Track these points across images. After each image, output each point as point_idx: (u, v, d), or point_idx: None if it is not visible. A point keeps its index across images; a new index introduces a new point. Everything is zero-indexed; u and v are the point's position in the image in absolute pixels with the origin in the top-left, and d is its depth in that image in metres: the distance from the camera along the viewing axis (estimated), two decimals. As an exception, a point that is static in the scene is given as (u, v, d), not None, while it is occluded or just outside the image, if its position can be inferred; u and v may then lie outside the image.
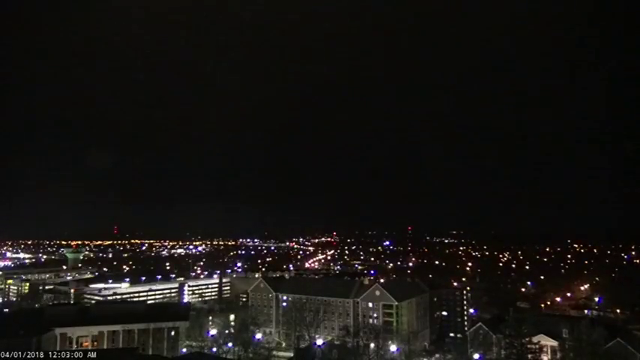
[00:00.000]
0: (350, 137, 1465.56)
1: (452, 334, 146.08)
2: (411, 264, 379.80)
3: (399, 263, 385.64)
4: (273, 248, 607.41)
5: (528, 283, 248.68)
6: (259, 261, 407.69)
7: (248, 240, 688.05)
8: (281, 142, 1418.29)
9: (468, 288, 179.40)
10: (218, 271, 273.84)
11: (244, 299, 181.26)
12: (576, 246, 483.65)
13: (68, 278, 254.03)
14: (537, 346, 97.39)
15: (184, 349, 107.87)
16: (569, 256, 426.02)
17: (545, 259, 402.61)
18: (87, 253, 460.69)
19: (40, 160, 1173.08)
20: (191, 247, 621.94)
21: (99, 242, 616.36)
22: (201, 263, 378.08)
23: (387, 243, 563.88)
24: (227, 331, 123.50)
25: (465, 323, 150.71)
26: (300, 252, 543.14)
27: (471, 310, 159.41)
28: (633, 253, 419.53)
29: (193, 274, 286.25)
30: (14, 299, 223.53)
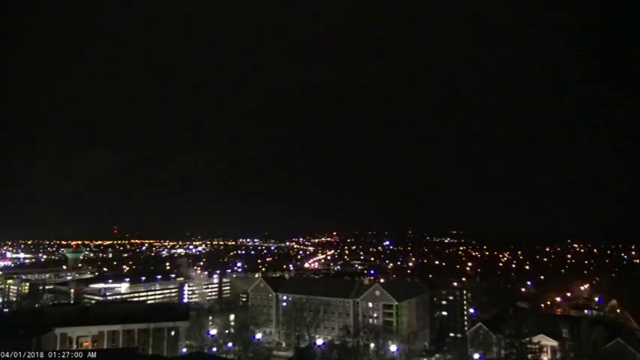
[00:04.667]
0: (350, 137, 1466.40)
1: (452, 334, 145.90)
2: (411, 264, 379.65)
3: (399, 263, 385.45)
4: (273, 248, 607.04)
5: (528, 283, 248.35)
6: (259, 261, 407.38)
7: (248, 240, 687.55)
8: (281, 141, 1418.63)
9: (468, 288, 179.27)
10: (218, 271, 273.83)
11: (244, 299, 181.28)
12: (576, 246, 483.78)
13: (68, 278, 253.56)
14: (537, 346, 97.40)
15: (184, 349, 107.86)
16: (569, 256, 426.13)
17: (545, 259, 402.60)
18: (87, 253, 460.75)
19: (40, 160, 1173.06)
20: (191, 247, 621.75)
21: (99, 242, 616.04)
22: (201, 263, 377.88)
23: (387, 243, 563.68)
24: (227, 331, 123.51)
25: (465, 323, 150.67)
26: (300, 252, 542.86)
27: (471, 310, 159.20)
28: (633, 253, 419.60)
29: (193, 274, 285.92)
30: (14, 299, 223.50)
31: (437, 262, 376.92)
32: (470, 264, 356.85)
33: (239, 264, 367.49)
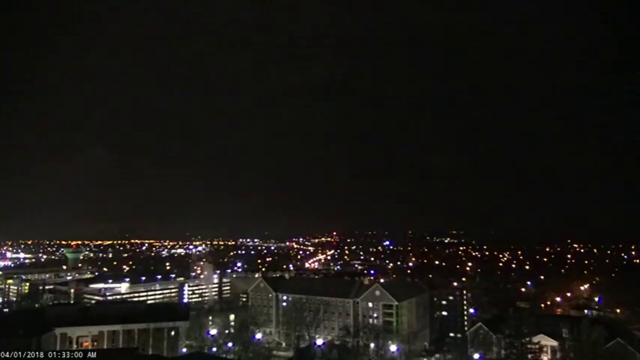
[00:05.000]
0: (350, 137, 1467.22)
1: (452, 334, 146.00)
2: (411, 264, 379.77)
3: (399, 263, 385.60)
4: (273, 248, 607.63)
5: (528, 283, 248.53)
6: (259, 261, 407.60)
7: (248, 240, 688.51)
8: (281, 141, 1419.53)
9: (468, 288, 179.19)
10: (218, 271, 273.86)
11: (244, 299, 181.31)
12: (576, 246, 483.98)
13: (68, 278, 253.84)
14: (537, 346, 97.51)
15: (184, 349, 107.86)
16: (569, 256, 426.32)
17: (545, 259, 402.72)
18: (87, 253, 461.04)
19: (40, 160, 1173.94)
20: (191, 247, 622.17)
21: (99, 242, 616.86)
22: (202, 263, 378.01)
23: (387, 243, 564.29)
24: (227, 331, 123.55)
25: (465, 323, 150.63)
26: (300, 252, 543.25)
27: (471, 310, 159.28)
28: (633, 253, 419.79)
29: (193, 274, 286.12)
30: (14, 299, 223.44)
31: (437, 262, 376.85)
32: (470, 264, 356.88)
33: (239, 264, 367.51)
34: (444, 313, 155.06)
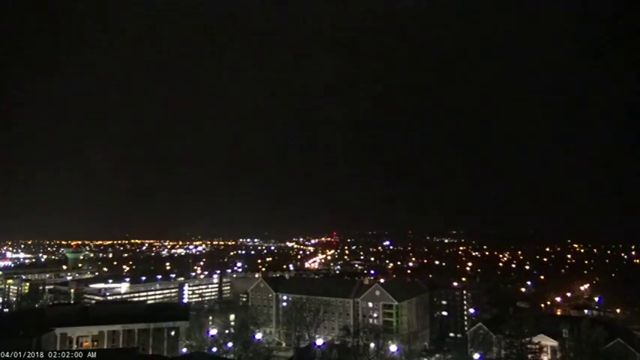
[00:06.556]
0: (350, 137, 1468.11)
1: (452, 334, 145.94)
2: (411, 264, 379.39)
3: (399, 263, 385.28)
4: (273, 248, 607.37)
5: (528, 283, 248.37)
6: (259, 261, 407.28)
7: (248, 240, 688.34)
8: (281, 141, 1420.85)
9: (468, 288, 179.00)
10: (218, 271, 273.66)
11: (244, 299, 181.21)
12: (576, 246, 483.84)
13: (68, 278, 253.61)
14: (537, 346, 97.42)
15: (184, 349, 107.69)
16: (569, 256, 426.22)
17: (545, 259, 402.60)
18: (87, 253, 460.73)
19: (40, 160, 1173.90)
20: (191, 247, 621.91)
21: (99, 242, 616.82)
22: (202, 263, 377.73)
23: (387, 243, 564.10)
24: (227, 331, 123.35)
25: (465, 323, 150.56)
26: (300, 252, 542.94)
27: (471, 310, 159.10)
28: (633, 253, 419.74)
29: (193, 274, 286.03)
30: (14, 299, 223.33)
31: (437, 262, 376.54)
32: (470, 264, 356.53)
33: (239, 264, 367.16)
34: (444, 313, 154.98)
